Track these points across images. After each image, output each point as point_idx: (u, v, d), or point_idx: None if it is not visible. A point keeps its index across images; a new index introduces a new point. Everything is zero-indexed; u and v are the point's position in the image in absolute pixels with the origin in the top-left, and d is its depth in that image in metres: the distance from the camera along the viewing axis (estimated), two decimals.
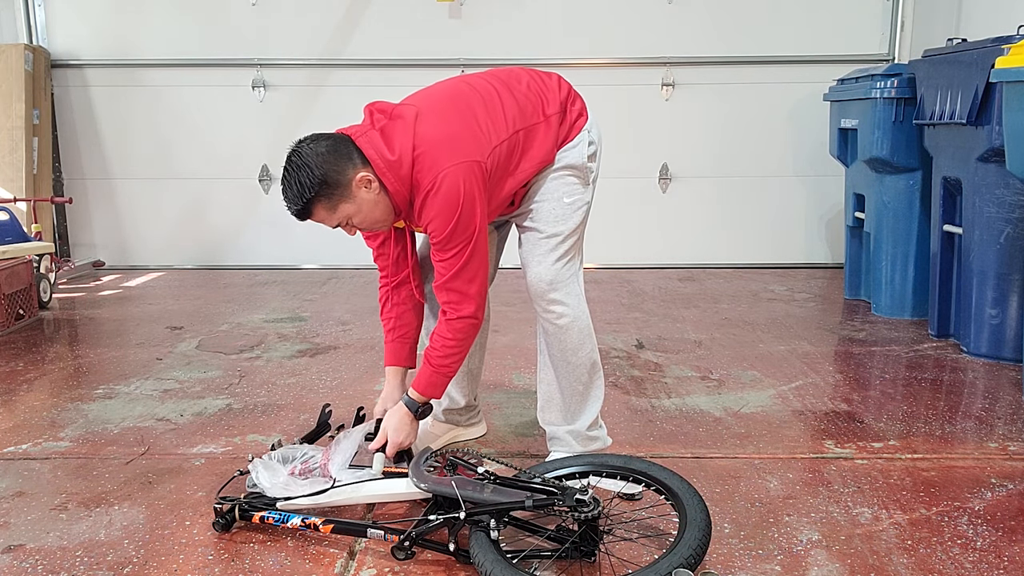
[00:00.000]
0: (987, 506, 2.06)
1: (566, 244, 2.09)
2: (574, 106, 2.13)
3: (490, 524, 1.72)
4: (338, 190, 1.86)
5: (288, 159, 1.87)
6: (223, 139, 5.39)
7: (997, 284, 3.26)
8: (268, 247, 5.47)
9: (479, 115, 1.97)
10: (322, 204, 1.86)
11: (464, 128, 1.93)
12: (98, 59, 5.32)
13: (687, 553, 1.62)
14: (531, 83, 2.10)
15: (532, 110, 2.05)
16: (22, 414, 2.77)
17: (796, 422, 2.65)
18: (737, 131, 5.30)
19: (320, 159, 1.84)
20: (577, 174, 2.12)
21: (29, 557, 1.85)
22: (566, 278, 2.09)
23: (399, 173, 1.88)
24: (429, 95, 2.03)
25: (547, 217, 2.08)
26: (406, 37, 5.24)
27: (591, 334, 2.16)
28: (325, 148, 1.85)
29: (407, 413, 2.06)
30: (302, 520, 1.90)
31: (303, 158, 1.84)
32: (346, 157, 1.86)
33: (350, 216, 1.90)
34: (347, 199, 1.88)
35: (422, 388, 2.04)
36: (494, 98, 2.02)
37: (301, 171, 1.83)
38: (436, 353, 2.01)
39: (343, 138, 1.90)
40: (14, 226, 4.24)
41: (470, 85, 2.05)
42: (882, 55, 5.20)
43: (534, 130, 2.04)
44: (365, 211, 1.91)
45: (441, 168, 1.86)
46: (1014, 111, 2.76)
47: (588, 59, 5.25)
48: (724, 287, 4.81)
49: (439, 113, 1.95)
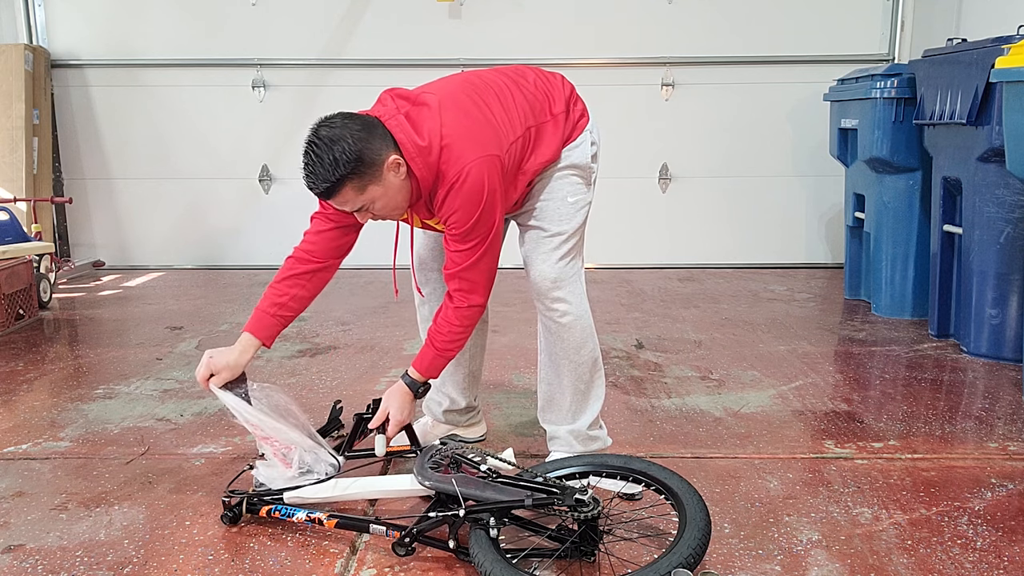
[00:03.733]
0: (987, 506, 2.06)
1: (570, 243, 2.10)
2: (576, 106, 2.14)
3: (490, 522, 1.72)
4: (371, 170, 1.81)
5: (316, 135, 1.80)
6: (223, 139, 5.39)
7: (997, 284, 3.26)
8: (268, 247, 5.47)
9: (495, 110, 1.96)
10: (353, 183, 1.81)
11: (485, 121, 1.92)
12: (98, 59, 5.32)
13: (687, 553, 1.62)
14: (537, 81, 2.11)
15: (540, 108, 2.06)
16: (22, 414, 2.77)
17: (796, 422, 2.65)
18: (737, 131, 5.30)
19: (356, 135, 1.78)
20: (581, 174, 2.12)
21: (29, 557, 1.85)
22: (569, 276, 2.10)
23: (428, 160, 1.86)
24: (444, 86, 2.00)
25: (551, 216, 2.09)
26: (406, 37, 5.24)
27: (593, 333, 2.17)
28: (359, 126, 1.80)
29: (408, 392, 2.08)
30: (307, 515, 1.92)
31: (337, 132, 1.78)
32: (380, 137, 1.82)
33: (375, 199, 1.86)
34: (376, 181, 1.84)
35: (424, 369, 2.06)
36: (506, 94, 2.02)
37: (335, 146, 1.76)
38: (442, 337, 2.02)
39: (374, 119, 1.86)
40: (14, 226, 4.24)
41: (482, 79, 2.05)
42: (882, 55, 5.20)
43: (543, 128, 2.05)
44: (390, 195, 1.87)
45: (468, 160, 1.86)
46: (1014, 111, 2.76)
47: (588, 59, 5.25)
48: (724, 287, 4.81)
49: (460, 104, 1.93)
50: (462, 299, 1.99)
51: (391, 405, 2.07)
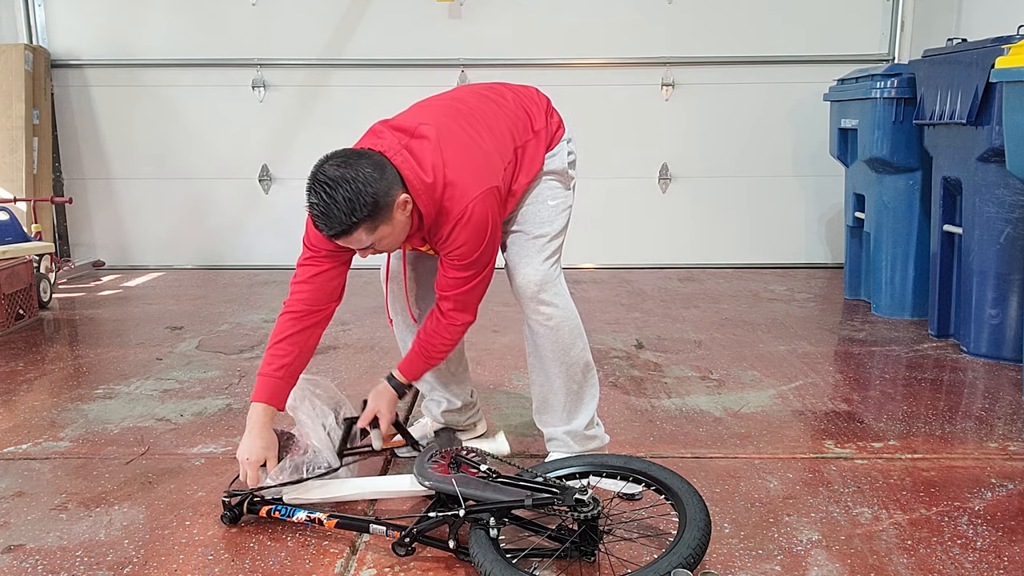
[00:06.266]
0: (987, 506, 2.06)
1: (552, 245, 2.12)
2: (552, 118, 2.18)
3: (490, 522, 1.72)
4: (383, 212, 1.77)
5: (324, 173, 1.74)
6: (223, 139, 5.39)
7: (997, 284, 3.26)
8: (268, 247, 5.47)
9: (486, 138, 1.98)
10: (366, 226, 1.77)
11: (482, 153, 1.94)
12: (98, 59, 5.33)
13: (687, 553, 1.62)
14: (516, 99, 2.13)
15: (523, 127, 2.08)
16: (22, 414, 2.77)
17: (796, 422, 2.65)
18: (737, 131, 5.30)
19: (370, 177, 1.74)
20: (559, 178, 2.15)
21: (29, 557, 1.85)
22: (553, 278, 2.11)
23: (432, 196, 1.86)
24: (434, 115, 1.97)
25: (534, 219, 2.10)
26: (406, 37, 5.24)
27: (582, 333, 2.17)
28: (371, 167, 1.75)
29: (393, 393, 2.13)
30: (307, 515, 1.92)
31: (350, 173, 1.72)
32: (391, 178, 1.78)
33: (383, 237, 1.83)
34: (387, 221, 1.80)
35: (409, 374, 2.12)
36: (492, 120, 2.03)
37: (350, 187, 1.71)
38: (431, 347, 2.07)
39: (381, 157, 1.81)
40: (14, 226, 4.24)
41: (467, 104, 2.04)
42: (882, 55, 5.20)
43: (527, 146, 2.08)
44: (396, 232, 1.85)
45: (470, 197, 1.86)
46: (1014, 111, 2.76)
47: (588, 59, 5.25)
48: (724, 287, 4.81)
49: (457, 137, 1.93)
50: (455, 317, 2.04)
51: (380, 405, 2.13)
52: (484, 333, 3.76)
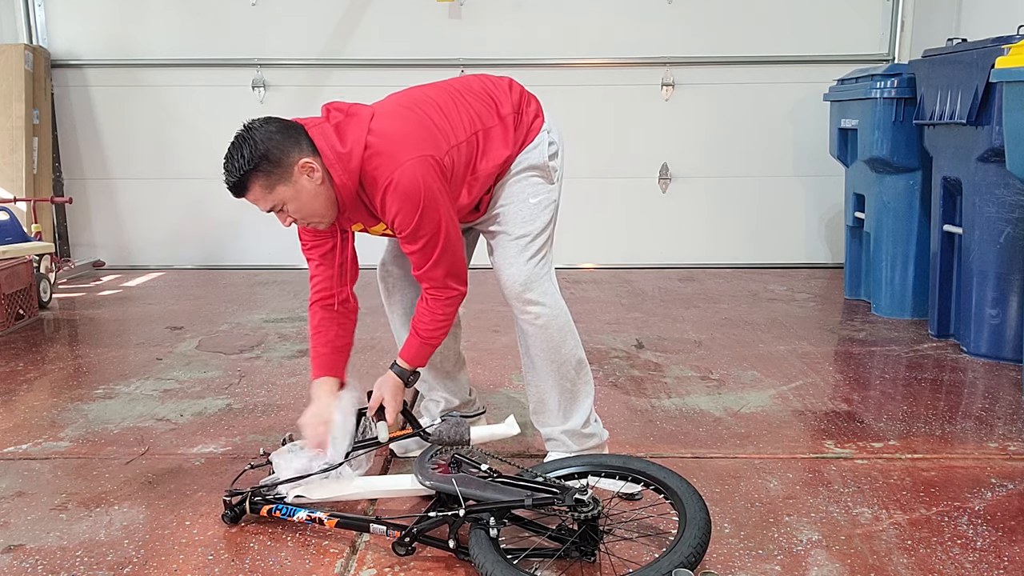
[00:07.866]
0: (987, 506, 2.06)
1: (536, 243, 2.11)
2: (529, 107, 2.16)
3: (490, 522, 1.72)
4: (278, 169, 1.86)
5: (236, 134, 1.89)
6: (223, 139, 5.33)
7: (997, 284, 3.26)
8: (268, 247, 5.47)
9: (435, 118, 1.99)
10: (259, 181, 1.86)
11: (419, 127, 1.95)
12: (98, 59, 5.32)
13: (687, 552, 1.62)
14: (483, 87, 2.14)
15: (487, 113, 2.09)
16: (22, 414, 2.77)
17: (796, 422, 2.65)
18: (737, 131, 5.30)
19: (266, 136, 1.85)
20: (540, 173, 2.14)
21: (29, 557, 1.85)
22: (539, 277, 2.10)
23: (348, 166, 1.90)
24: (385, 101, 2.08)
25: (514, 219, 2.10)
26: (406, 37, 5.24)
27: (572, 330, 2.17)
28: (275, 128, 1.88)
29: (398, 381, 2.11)
30: (308, 514, 1.92)
31: (250, 133, 1.86)
32: (293, 140, 1.88)
33: (286, 201, 1.90)
34: (285, 182, 1.88)
35: (411, 358, 2.11)
36: (448, 103, 2.05)
37: (245, 144, 1.85)
38: (426, 326, 2.06)
39: (295, 124, 1.93)
40: (14, 226, 4.24)
41: (423, 92, 2.09)
42: (882, 55, 5.20)
43: (491, 132, 2.08)
44: (303, 199, 1.91)
45: (397, 163, 1.88)
46: (1014, 111, 2.76)
47: (588, 59, 5.25)
48: (724, 287, 4.81)
49: (394, 113, 1.98)
50: (437, 293, 2.04)
51: (385, 393, 2.11)
52: (484, 333, 3.76)
